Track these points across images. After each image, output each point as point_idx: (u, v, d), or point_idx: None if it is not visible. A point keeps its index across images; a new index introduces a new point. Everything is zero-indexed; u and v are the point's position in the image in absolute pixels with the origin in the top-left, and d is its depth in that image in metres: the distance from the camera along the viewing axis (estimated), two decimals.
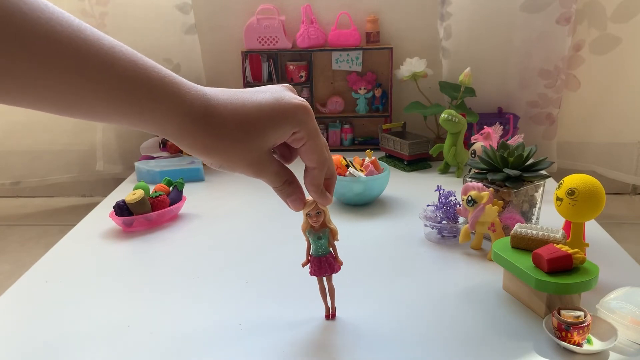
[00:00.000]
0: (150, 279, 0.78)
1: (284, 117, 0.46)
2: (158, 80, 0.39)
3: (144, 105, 0.39)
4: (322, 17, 1.39)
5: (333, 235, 0.61)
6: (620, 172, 1.39)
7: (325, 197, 0.54)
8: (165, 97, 0.40)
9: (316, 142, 0.49)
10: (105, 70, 0.36)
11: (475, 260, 0.81)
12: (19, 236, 1.32)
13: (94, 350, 0.62)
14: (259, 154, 0.46)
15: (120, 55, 0.37)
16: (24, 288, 0.77)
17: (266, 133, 0.45)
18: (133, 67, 0.38)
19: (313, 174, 0.52)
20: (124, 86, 0.37)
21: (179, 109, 0.41)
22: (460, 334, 0.63)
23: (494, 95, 1.36)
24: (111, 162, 1.45)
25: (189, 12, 1.32)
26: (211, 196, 1.12)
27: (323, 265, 0.62)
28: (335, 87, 1.43)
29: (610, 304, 0.63)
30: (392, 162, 1.27)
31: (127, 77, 0.37)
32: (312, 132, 0.48)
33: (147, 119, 0.40)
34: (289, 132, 0.47)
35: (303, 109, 0.47)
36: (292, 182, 0.52)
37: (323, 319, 0.66)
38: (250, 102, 0.45)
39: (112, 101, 0.37)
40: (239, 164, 0.46)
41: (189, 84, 0.42)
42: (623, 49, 1.30)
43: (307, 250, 0.63)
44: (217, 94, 0.44)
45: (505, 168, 0.84)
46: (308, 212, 0.58)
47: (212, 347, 0.62)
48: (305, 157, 0.51)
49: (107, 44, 0.36)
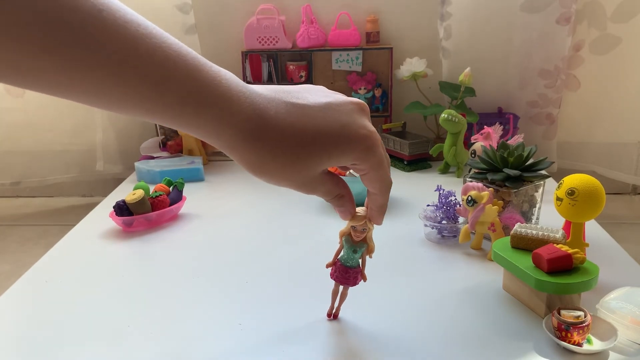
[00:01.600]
0: (150, 278, 0.78)
1: (346, 148, 0.42)
2: (212, 92, 0.36)
3: (192, 120, 0.37)
4: (322, 17, 1.39)
5: (369, 252, 0.60)
6: (620, 172, 1.39)
7: (382, 217, 0.53)
8: (216, 111, 0.37)
9: (379, 173, 0.46)
10: (159, 83, 0.34)
11: (475, 260, 0.81)
12: (19, 236, 1.32)
13: (94, 350, 0.62)
14: (309, 176, 0.43)
15: (179, 65, 0.35)
16: (24, 288, 0.77)
17: (321, 161, 0.42)
18: (191, 78, 0.35)
19: (374, 199, 0.51)
20: (177, 99, 0.35)
21: (230, 125, 0.38)
22: (460, 334, 0.63)
23: (494, 95, 1.36)
24: (111, 162, 1.45)
25: (189, 12, 1.32)
26: (211, 196, 1.12)
27: (349, 276, 0.61)
28: (335, 87, 1.43)
29: (610, 304, 0.63)
30: (392, 162, 1.27)
31: (181, 89, 0.35)
32: (375, 165, 0.45)
33: (194, 129, 0.37)
34: (349, 162, 0.44)
35: (370, 141, 0.43)
36: (343, 196, 0.50)
37: (323, 319, 0.66)
38: (311, 123, 0.40)
39: (156, 112, 0.35)
40: (289, 184, 0.43)
41: (245, 92, 0.38)
42: (623, 49, 1.30)
43: (336, 253, 0.61)
44: (278, 106, 0.40)
45: (505, 168, 0.84)
46: (354, 226, 0.56)
47: (212, 347, 0.62)
48: (366, 184, 0.48)
49: (163, 55, 0.34)
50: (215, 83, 0.37)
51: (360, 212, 0.55)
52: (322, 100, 0.42)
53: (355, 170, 0.46)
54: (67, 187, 1.55)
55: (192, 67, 0.36)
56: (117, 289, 0.76)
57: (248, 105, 0.38)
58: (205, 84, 0.36)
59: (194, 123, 0.37)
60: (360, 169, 0.45)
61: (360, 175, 0.47)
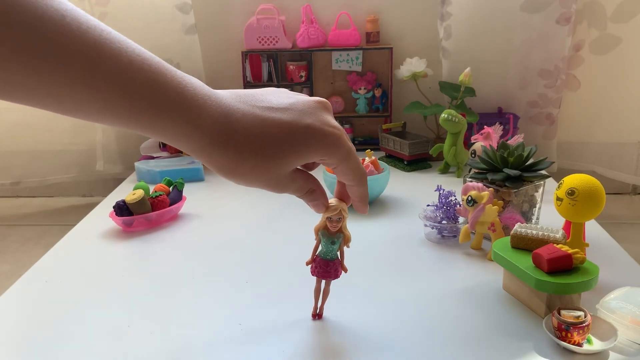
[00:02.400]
0: (150, 278, 0.78)
1: (312, 145, 0.43)
2: (177, 98, 0.37)
3: (158, 124, 0.36)
4: (322, 17, 1.39)
5: (346, 242, 0.61)
6: (620, 172, 1.39)
7: (366, 206, 0.53)
8: (182, 117, 0.37)
9: (349, 164, 0.47)
10: (119, 86, 0.34)
11: (475, 260, 0.81)
12: (19, 236, 1.32)
13: (94, 350, 0.62)
14: (279, 175, 0.44)
15: (138, 73, 0.35)
16: (24, 288, 0.77)
17: (290, 160, 0.43)
18: (151, 85, 0.35)
19: (352, 190, 0.51)
20: (138, 104, 0.35)
21: (197, 131, 0.38)
22: (460, 334, 0.63)
23: (494, 95, 1.36)
24: (111, 162, 1.45)
25: (189, 12, 1.32)
26: (211, 196, 1.12)
27: (330, 269, 0.61)
28: (335, 87, 1.43)
29: (610, 304, 0.63)
30: (392, 162, 1.27)
31: (142, 95, 0.35)
32: (343, 158, 0.46)
33: (161, 135, 0.38)
34: (317, 158, 0.45)
35: (333, 137, 0.44)
36: (315, 191, 0.51)
37: (324, 319, 0.66)
38: (276, 124, 0.41)
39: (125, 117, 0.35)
40: (259, 184, 0.44)
41: (211, 98, 0.39)
42: (623, 49, 1.30)
43: (314, 250, 0.62)
44: (242, 109, 0.41)
45: (505, 168, 0.84)
46: (329, 217, 0.57)
47: (212, 347, 0.62)
48: (340, 177, 0.49)
49: (125, 60, 0.34)
50: (181, 87, 0.37)
51: (333, 202, 0.55)
52: (286, 101, 0.43)
53: (324, 165, 0.47)
54: (67, 187, 1.55)
55: (157, 71, 0.36)
56: (117, 289, 0.76)
57: (215, 109, 0.39)
58: (171, 88, 0.36)
59: (161, 126, 0.37)
60: (329, 163, 0.46)
61: (333, 169, 0.48)
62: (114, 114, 0.35)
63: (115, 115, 0.35)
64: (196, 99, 0.38)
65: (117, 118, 0.35)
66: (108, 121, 0.36)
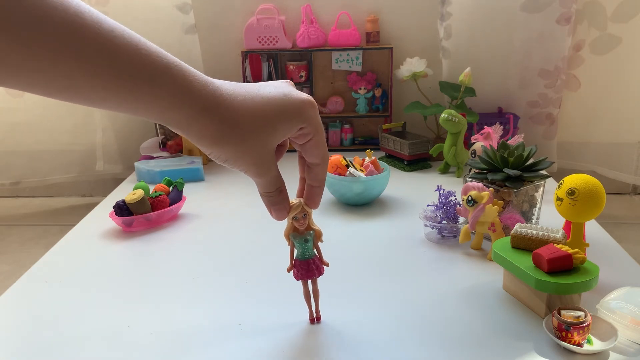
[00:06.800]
0: (150, 279, 0.78)
1: (292, 111, 0.46)
2: (163, 68, 0.38)
3: (147, 94, 0.37)
4: (322, 17, 1.39)
5: (318, 237, 0.61)
6: (620, 172, 1.39)
7: (320, 198, 0.55)
8: (171, 86, 0.38)
9: (321, 138, 0.50)
10: (104, 55, 0.34)
11: (475, 260, 0.81)
12: (19, 236, 1.32)
13: (93, 351, 0.62)
14: (266, 150, 0.46)
15: (120, 40, 0.35)
16: (23, 288, 0.77)
17: (276, 127, 0.45)
18: (135, 53, 0.36)
19: (317, 171, 0.52)
20: (125, 73, 0.36)
21: (186, 98, 0.39)
22: (460, 334, 0.63)
23: (494, 95, 1.37)
24: (111, 162, 1.45)
25: (189, 12, 1.32)
26: (211, 196, 1.12)
27: (311, 268, 0.61)
28: (335, 87, 1.43)
29: (610, 304, 0.63)
30: (392, 162, 1.27)
31: (129, 63, 0.36)
32: (319, 127, 0.49)
33: (151, 107, 0.38)
34: (297, 127, 0.47)
35: (310, 103, 0.47)
36: (282, 191, 0.52)
37: (324, 319, 0.66)
38: (259, 96, 0.44)
39: (111, 88, 0.35)
40: (246, 159, 0.45)
41: (197, 74, 0.41)
42: (623, 49, 1.30)
43: (290, 255, 0.62)
44: (225, 85, 0.43)
45: (505, 168, 0.84)
46: (294, 216, 0.57)
47: (212, 347, 0.62)
48: (310, 153, 0.50)
49: (106, 27, 0.35)
50: (168, 60, 0.39)
51: (294, 201, 0.56)
52: (260, 84, 0.47)
53: (300, 138, 0.48)
54: (67, 187, 1.55)
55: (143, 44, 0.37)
56: (117, 289, 0.76)
57: (202, 82, 0.41)
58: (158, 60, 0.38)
59: (150, 98, 0.38)
60: (306, 132, 0.48)
61: (302, 146, 0.50)
62: (102, 87, 0.35)
63: (103, 88, 0.35)
64: (184, 71, 0.40)
65: (105, 91, 0.36)
66: (96, 97, 0.36)
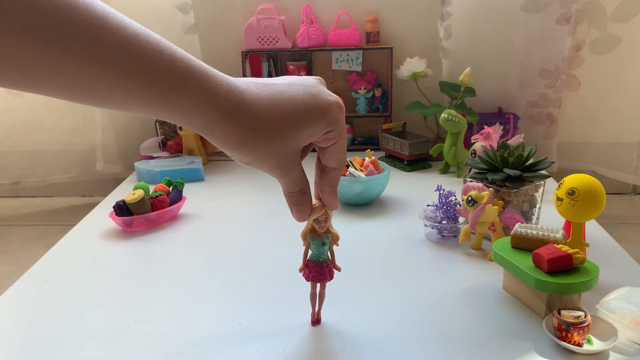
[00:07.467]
0: (150, 279, 0.78)
1: (319, 115, 0.45)
2: (187, 72, 0.37)
3: (170, 98, 0.37)
4: (322, 17, 1.39)
5: (335, 240, 0.60)
6: (620, 172, 1.39)
7: (337, 199, 0.54)
8: (194, 89, 0.38)
9: (344, 143, 0.49)
10: (128, 60, 0.34)
11: (475, 260, 0.81)
12: (19, 236, 1.32)
13: (93, 351, 0.62)
14: (290, 153, 0.45)
15: (145, 45, 0.35)
16: (23, 288, 0.77)
17: (301, 130, 0.44)
18: (159, 58, 0.36)
19: (332, 175, 0.51)
20: (149, 78, 0.35)
21: (210, 102, 0.39)
22: (460, 334, 0.63)
23: (494, 95, 1.37)
24: (111, 162, 1.45)
25: (189, 12, 1.32)
26: (211, 196, 1.12)
27: (323, 271, 0.61)
28: (335, 87, 1.43)
29: (610, 304, 0.63)
30: (392, 162, 1.27)
31: (152, 69, 0.35)
32: (343, 132, 0.48)
33: (174, 111, 0.38)
34: (323, 130, 0.46)
35: (338, 107, 0.46)
36: (305, 193, 0.51)
37: (324, 319, 0.66)
38: (285, 98, 0.43)
39: (134, 92, 0.35)
40: (269, 162, 0.45)
41: (221, 76, 0.40)
42: (623, 49, 1.30)
43: (304, 255, 0.61)
44: (250, 87, 0.42)
45: (505, 168, 0.84)
46: (317, 218, 0.56)
47: (212, 347, 0.62)
48: (329, 157, 0.50)
49: (130, 32, 0.34)
50: (191, 62, 0.38)
51: (316, 203, 0.55)
52: (288, 80, 0.46)
53: (324, 141, 0.47)
54: (67, 187, 1.55)
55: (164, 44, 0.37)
56: (117, 289, 0.76)
57: (226, 83, 0.40)
58: (181, 62, 0.37)
59: (172, 100, 0.37)
60: (331, 137, 0.47)
61: (323, 149, 0.49)
62: (126, 91, 0.35)
63: (127, 93, 0.35)
64: (209, 76, 0.39)
65: (128, 95, 0.35)
66: (118, 100, 0.36)
